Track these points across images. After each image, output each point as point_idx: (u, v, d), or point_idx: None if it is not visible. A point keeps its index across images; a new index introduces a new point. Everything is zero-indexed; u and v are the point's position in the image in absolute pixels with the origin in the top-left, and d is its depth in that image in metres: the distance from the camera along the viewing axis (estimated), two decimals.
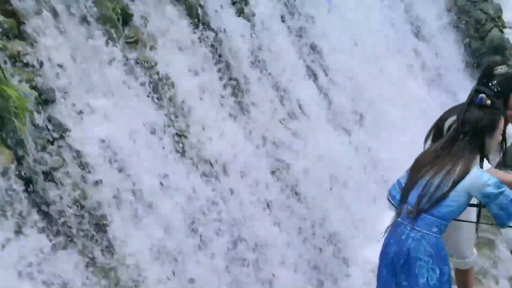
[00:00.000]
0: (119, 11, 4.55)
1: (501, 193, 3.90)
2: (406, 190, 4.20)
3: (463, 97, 10.99)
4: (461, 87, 10.88)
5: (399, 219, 4.23)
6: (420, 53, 9.94)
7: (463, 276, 5.19)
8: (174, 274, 4.03)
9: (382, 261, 4.32)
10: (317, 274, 5.44)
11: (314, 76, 6.74)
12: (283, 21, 6.64)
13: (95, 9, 4.33)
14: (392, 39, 9.23)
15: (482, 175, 3.94)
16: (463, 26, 11.39)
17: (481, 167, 4.08)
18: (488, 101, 3.97)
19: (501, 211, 3.94)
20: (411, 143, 6.29)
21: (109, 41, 4.34)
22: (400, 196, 4.26)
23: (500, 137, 4.22)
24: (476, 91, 4.04)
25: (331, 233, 5.83)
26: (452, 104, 10.60)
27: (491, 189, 3.90)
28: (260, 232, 4.94)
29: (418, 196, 4.10)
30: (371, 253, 4.44)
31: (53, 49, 3.93)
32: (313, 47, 6.93)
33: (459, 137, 4.07)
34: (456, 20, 11.46)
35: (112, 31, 4.41)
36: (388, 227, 4.29)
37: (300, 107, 6.23)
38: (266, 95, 5.82)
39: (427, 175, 4.08)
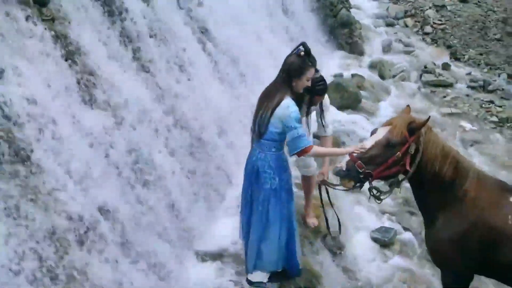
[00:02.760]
0: None
1: (295, 127, 3.96)
2: (253, 123, 4.29)
3: (322, 60, 11.20)
4: (321, 53, 11.03)
5: (253, 145, 4.32)
6: (288, 27, 9.96)
7: (307, 181, 5.34)
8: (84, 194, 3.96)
9: (244, 176, 4.46)
10: (206, 188, 5.49)
11: (203, 44, 6.63)
12: (177, 3, 6.49)
13: None
14: (267, 17, 9.21)
15: (290, 106, 3.99)
16: (321, 7, 11.50)
17: (295, 100, 4.09)
18: (302, 53, 4.01)
19: (291, 142, 4.03)
20: None
21: (28, 18, 4.12)
22: (251, 128, 4.34)
23: (307, 83, 4.13)
24: (300, 45, 4.07)
25: (217, 159, 5.86)
26: None
27: (291, 121, 3.96)
28: (157, 159, 4.87)
29: (257, 126, 4.18)
30: None
31: None
32: (201, 23, 6.79)
33: (280, 74, 4.11)
34: (316, 3, 11.54)
35: (30, 10, 4.18)
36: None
37: (191, 68, 6.13)
38: (163, 59, 5.67)
39: (261, 109, 4.14)
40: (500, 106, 10.01)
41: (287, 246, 4.47)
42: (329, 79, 9.52)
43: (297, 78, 4.03)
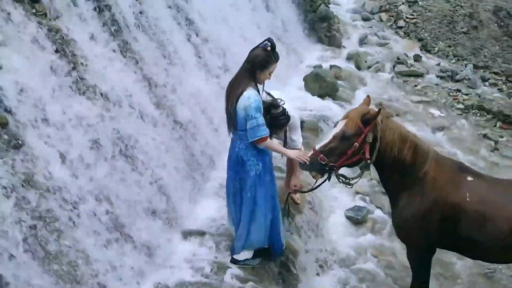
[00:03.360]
0: None
1: (255, 117, 3.96)
2: (226, 116, 4.27)
3: (303, 53, 11.13)
4: (301, 45, 11.07)
5: (232, 137, 4.34)
6: (270, 22, 9.90)
7: (291, 160, 5.32)
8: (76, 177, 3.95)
9: (228, 165, 4.46)
10: (191, 171, 5.49)
11: (188, 37, 6.60)
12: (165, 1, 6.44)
13: None
14: (250, 12, 9.16)
15: (251, 96, 3.97)
16: (301, 3, 11.50)
17: (258, 90, 4.09)
18: (269, 48, 3.99)
19: (251, 130, 4.01)
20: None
21: (22, 13, 4.09)
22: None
23: (268, 77, 4.10)
24: (267, 40, 4.04)
25: (202, 144, 5.86)
26: (294, 57, 10.77)
27: (251, 111, 3.95)
28: (145, 144, 4.86)
29: (229, 119, 4.18)
30: None
31: None
32: (188, 18, 6.74)
33: (245, 65, 4.08)
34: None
35: (24, 6, 4.16)
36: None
37: (178, 59, 6.10)
38: (151, 51, 5.62)
39: (229, 101, 4.13)
40: (466, 94, 10.12)
41: (272, 225, 4.52)
42: (309, 70, 9.58)
43: (260, 71, 4.01)
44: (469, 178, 4.26)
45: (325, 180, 4.30)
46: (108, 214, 4.09)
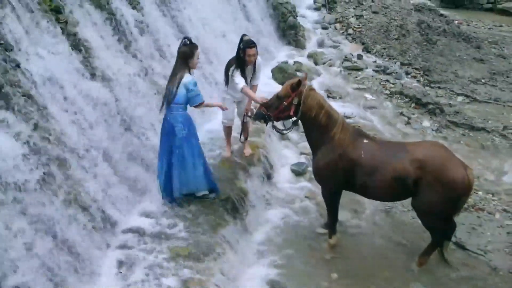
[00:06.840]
0: (53, 6, 4.49)
1: (193, 90, 4.19)
2: (164, 97, 4.43)
3: (276, 54, 11.03)
4: (275, 48, 11.08)
5: (165, 112, 4.43)
6: (248, 29, 9.90)
7: (228, 130, 5.54)
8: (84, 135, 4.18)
9: (161, 133, 4.54)
10: None
11: (180, 39, 6.62)
12: (161, 12, 6.53)
13: (38, 4, 4.28)
14: (231, 21, 9.18)
15: (188, 78, 4.21)
16: (274, 15, 11.48)
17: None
18: (188, 42, 4.23)
19: (192, 99, 4.25)
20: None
21: (48, 22, 4.30)
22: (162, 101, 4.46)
23: (197, 61, 4.32)
24: (184, 38, 4.32)
25: None
26: (268, 55, 10.75)
27: (191, 85, 4.18)
28: (139, 115, 5.07)
29: (167, 97, 4.33)
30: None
31: (11, 25, 3.90)
32: (179, 25, 6.86)
33: (178, 61, 4.26)
34: (272, 13, 11.50)
35: (50, 17, 4.36)
36: None
37: (170, 55, 6.19)
38: (148, 49, 5.80)
39: (169, 84, 4.30)
40: (393, 84, 10.22)
41: (205, 174, 4.62)
42: (276, 64, 9.68)
43: (191, 58, 4.26)
44: (365, 141, 4.50)
45: (267, 123, 4.57)
46: (107, 161, 4.33)
